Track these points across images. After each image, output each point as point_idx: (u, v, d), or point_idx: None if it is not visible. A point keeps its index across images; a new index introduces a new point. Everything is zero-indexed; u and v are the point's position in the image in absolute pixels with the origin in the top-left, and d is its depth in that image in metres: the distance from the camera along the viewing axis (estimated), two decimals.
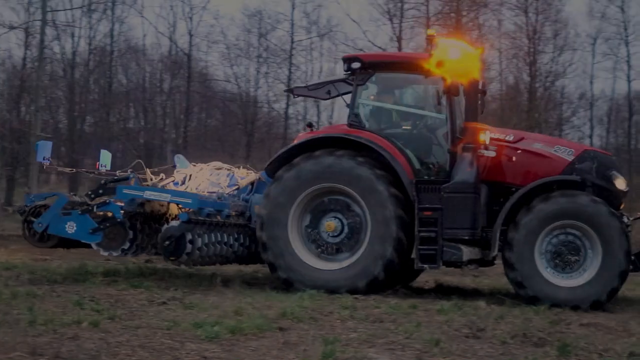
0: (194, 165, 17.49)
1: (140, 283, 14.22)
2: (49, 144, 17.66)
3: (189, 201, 14.87)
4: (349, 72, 15.40)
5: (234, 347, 9.23)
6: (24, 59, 44.39)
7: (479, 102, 16.02)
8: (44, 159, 16.96)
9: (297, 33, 44.62)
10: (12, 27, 40.83)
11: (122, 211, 14.90)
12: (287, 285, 14.57)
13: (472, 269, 15.66)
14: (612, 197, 14.36)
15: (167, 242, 14.35)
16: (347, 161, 14.51)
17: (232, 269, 17.79)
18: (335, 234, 14.72)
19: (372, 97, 15.63)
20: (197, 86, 47.63)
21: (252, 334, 9.87)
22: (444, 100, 14.67)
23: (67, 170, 21.69)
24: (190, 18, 46.14)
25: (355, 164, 14.45)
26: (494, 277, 18.43)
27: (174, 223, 14.55)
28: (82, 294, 12.87)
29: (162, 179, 16.86)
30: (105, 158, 17.99)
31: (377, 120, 15.51)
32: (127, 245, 15.14)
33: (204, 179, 16.97)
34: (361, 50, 37.87)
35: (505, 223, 14.06)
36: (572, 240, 13.80)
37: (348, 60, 15.48)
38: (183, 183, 16.93)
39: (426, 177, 14.72)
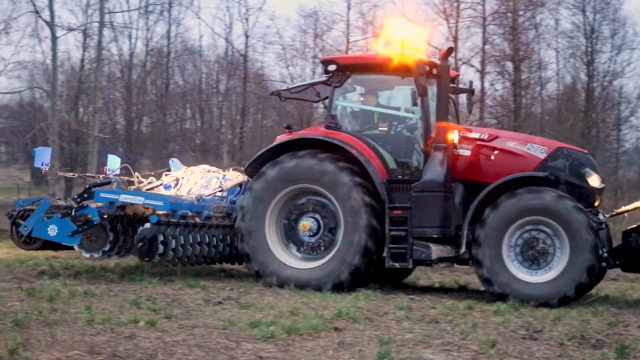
0: (187, 169, 18.19)
1: (196, 283, 14.30)
2: (48, 149, 18.87)
3: (161, 204, 15.30)
4: (328, 75, 15.67)
5: (289, 347, 9.24)
6: (82, 60, 44.91)
7: (467, 102, 16.76)
8: (42, 165, 17.91)
9: (353, 33, 44.43)
10: (70, 29, 41.33)
11: (99, 214, 15.28)
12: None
13: (443, 266, 15.58)
14: (585, 194, 14.49)
15: (140, 244, 14.84)
16: (327, 164, 14.78)
17: None
18: (312, 234, 15.04)
19: (349, 99, 16.00)
20: (253, 87, 47.76)
21: (307, 334, 9.88)
22: (418, 101, 14.77)
23: (69, 174, 21.92)
24: (247, 19, 46.32)
25: (334, 168, 14.71)
26: None
27: (147, 225, 14.96)
28: (138, 294, 12.99)
29: (149, 182, 17.71)
30: (113, 162, 18.99)
31: (353, 121, 15.83)
32: (107, 247, 15.78)
33: (195, 182, 17.54)
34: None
35: (474, 221, 14.09)
36: (540, 237, 13.81)
37: (325, 62, 15.83)
38: (176, 186, 17.60)
39: (400, 177, 14.93)
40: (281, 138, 15.79)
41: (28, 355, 8.26)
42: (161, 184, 17.73)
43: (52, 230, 15.25)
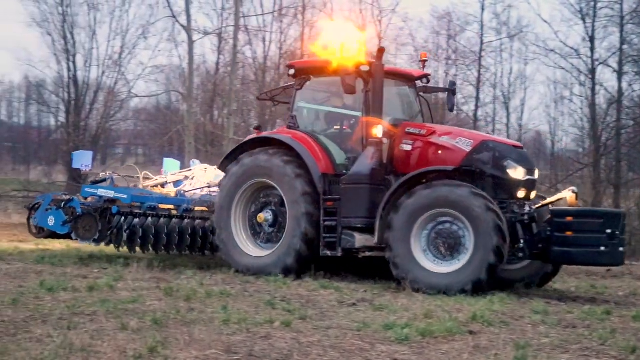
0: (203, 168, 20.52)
1: (330, 284, 14.36)
2: (89, 153, 21.40)
3: (125, 197, 17.80)
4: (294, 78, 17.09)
5: (424, 350, 9.22)
6: (217, 63, 45.45)
7: (447, 100, 18.12)
8: (82, 166, 20.54)
9: (487, 34, 43.89)
10: (206, 33, 41.87)
11: (82, 206, 17.73)
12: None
13: (368, 254, 15.90)
14: (507, 186, 15.02)
15: (109, 231, 17.45)
16: (275, 160, 16.17)
17: None
18: (269, 225, 16.47)
19: (308, 100, 17.17)
20: None
21: (442, 337, 9.84)
22: (361, 98, 15.89)
23: (107, 174, 22.92)
24: (380, 21, 46.11)
25: (280, 162, 16.07)
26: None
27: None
28: (273, 294, 13.11)
29: (150, 179, 20.35)
30: (171, 165, 21.41)
31: (311, 121, 17.17)
32: (97, 236, 17.57)
33: (204, 179, 19.76)
34: (552, 51, 37.20)
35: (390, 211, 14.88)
36: (450, 228, 14.45)
37: (287, 67, 17.67)
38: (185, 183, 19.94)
39: (345, 171, 15.96)
40: (250, 137, 17.42)
41: (167, 354, 8.43)
42: (166, 182, 20.13)
43: (51, 221, 18.06)
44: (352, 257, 16.09)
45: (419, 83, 17.83)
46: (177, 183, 20.21)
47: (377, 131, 15.42)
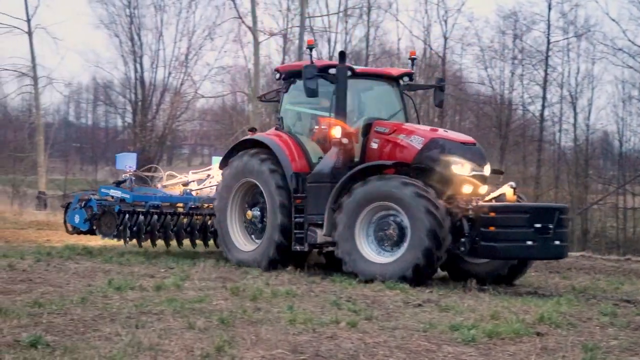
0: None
1: (395, 285, 14.32)
2: (133, 155, 22.69)
3: (128, 196, 19.59)
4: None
5: (490, 351, 9.17)
6: (283, 64, 45.66)
7: (434, 97, 18.82)
8: (126, 167, 21.34)
9: (554, 33, 43.56)
10: (272, 34, 42.18)
11: (98, 205, 19.46)
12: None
13: (331, 249, 16.48)
14: (453, 182, 15.47)
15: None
16: (254, 159, 17.27)
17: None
18: (258, 221, 17.53)
19: (293, 103, 17.99)
20: (451, 89, 47.50)
21: (509, 338, 9.77)
22: (333, 100, 16.51)
23: (150, 174, 23.53)
24: (445, 21, 45.93)
25: (258, 161, 17.17)
26: None
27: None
28: (339, 295, 13.11)
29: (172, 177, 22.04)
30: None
31: (295, 122, 18.11)
32: (115, 232, 19.24)
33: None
34: (620, 50, 36.86)
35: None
36: (391, 220, 15.18)
37: (275, 71, 18.89)
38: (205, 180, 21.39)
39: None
40: (239, 140, 18.90)
41: (234, 353, 8.48)
42: (187, 180, 21.59)
43: (76, 219, 19.84)
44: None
45: (429, 83, 18.30)
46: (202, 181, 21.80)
47: (335, 132, 16.20)
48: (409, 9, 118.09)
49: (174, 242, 19.89)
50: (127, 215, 19.09)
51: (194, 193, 20.62)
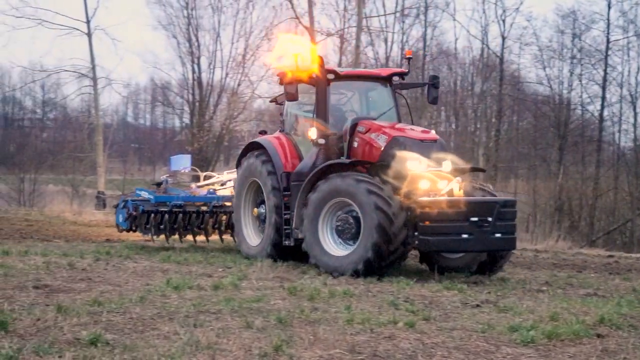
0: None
1: (453, 285, 14.25)
2: (188, 156, 23.81)
3: (152, 197, 20.62)
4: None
5: (550, 353, 9.10)
6: (339, 64, 45.63)
7: (427, 94, 18.77)
8: (181, 168, 22.78)
9: (614, 32, 43.24)
10: (329, 34, 42.17)
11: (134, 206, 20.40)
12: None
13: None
14: (407, 178, 15.78)
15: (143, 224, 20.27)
16: (257, 161, 18.19)
17: (546, 274, 17.62)
18: (262, 218, 18.30)
19: (293, 106, 18.52)
20: (508, 89, 47.22)
21: (568, 339, 9.69)
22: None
23: (204, 173, 24.04)
24: (503, 20, 45.72)
25: (259, 162, 18.09)
26: None
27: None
28: (396, 295, 13.08)
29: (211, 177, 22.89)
30: None
31: (295, 124, 18.74)
32: (152, 230, 20.23)
33: None
34: None
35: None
36: (349, 215, 15.77)
37: (277, 76, 19.16)
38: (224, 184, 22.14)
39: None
40: (249, 142, 19.70)
41: (292, 352, 8.49)
42: (221, 180, 22.27)
43: (120, 217, 20.86)
44: None
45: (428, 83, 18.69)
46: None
47: (312, 133, 17.12)
48: (466, 9, 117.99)
49: (201, 237, 21.09)
50: (152, 215, 20.18)
51: (218, 192, 21.54)
